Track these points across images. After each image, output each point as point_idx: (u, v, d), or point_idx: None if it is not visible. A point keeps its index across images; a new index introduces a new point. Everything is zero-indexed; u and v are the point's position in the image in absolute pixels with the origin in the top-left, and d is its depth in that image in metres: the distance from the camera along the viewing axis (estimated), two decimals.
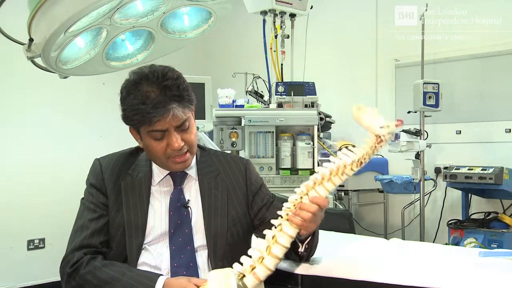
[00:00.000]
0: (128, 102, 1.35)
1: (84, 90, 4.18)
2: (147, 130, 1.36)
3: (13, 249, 3.88)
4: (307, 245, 1.41)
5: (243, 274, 1.24)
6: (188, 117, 1.38)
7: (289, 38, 3.33)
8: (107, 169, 1.47)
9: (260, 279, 1.24)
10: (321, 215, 1.31)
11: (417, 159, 3.49)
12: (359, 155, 1.24)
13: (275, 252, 1.25)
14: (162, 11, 1.68)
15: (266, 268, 1.24)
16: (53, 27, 1.42)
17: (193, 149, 1.44)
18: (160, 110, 1.31)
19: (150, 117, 1.31)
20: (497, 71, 3.64)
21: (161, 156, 1.40)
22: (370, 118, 1.24)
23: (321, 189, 1.27)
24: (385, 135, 1.21)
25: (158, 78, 1.34)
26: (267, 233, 1.28)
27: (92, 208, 1.44)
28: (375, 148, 1.22)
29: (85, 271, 1.34)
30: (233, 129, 2.90)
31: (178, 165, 1.42)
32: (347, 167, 1.25)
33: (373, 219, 4.25)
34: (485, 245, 3.18)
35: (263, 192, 1.55)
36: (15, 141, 3.92)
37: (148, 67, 1.39)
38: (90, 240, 1.39)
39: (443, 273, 1.35)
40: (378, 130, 1.22)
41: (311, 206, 1.26)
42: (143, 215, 1.42)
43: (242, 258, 1.27)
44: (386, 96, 4.15)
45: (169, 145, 1.37)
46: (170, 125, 1.35)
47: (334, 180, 1.26)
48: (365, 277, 1.42)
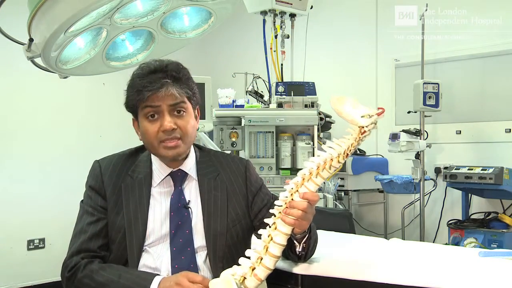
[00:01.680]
0: (129, 84, 1.40)
1: (84, 90, 4.18)
2: (142, 107, 1.38)
3: (13, 249, 3.89)
4: (305, 244, 1.41)
5: (244, 277, 1.25)
6: (184, 101, 1.40)
7: (289, 38, 3.33)
8: (106, 171, 1.46)
9: (261, 279, 1.24)
10: (312, 211, 1.30)
11: (417, 159, 3.49)
12: (344, 147, 1.22)
13: (273, 251, 1.25)
14: (162, 11, 1.68)
15: (265, 268, 1.24)
16: (53, 27, 1.42)
17: (187, 138, 1.42)
18: (154, 84, 1.35)
19: (144, 92, 1.35)
20: (497, 71, 3.64)
21: (153, 140, 1.39)
22: (350, 108, 1.21)
23: (310, 185, 1.26)
24: (368, 125, 1.20)
25: (161, 66, 1.39)
26: (263, 233, 1.28)
27: (91, 211, 1.43)
28: (360, 139, 1.21)
29: (82, 275, 1.35)
30: (233, 129, 2.90)
31: (170, 151, 1.40)
32: (333, 160, 1.23)
33: (373, 219, 4.24)
34: (485, 245, 3.18)
35: (263, 193, 1.55)
36: (15, 141, 3.92)
37: (157, 61, 1.43)
38: (88, 244, 1.39)
39: (443, 273, 1.35)
40: (360, 122, 1.19)
41: (301, 203, 1.25)
42: (143, 217, 1.42)
43: (240, 260, 1.27)
44: (386, 96, 4.14)
45: (161, 125, 1.38)
46: (163, 102, 1.36)
47: (323, 174, 1.24)
48: (365, 277, 1.42)
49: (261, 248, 1.26)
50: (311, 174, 1.25)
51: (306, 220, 1.30)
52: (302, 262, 1.50)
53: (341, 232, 2.03)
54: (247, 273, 1.24)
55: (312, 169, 1.25)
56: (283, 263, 1.51)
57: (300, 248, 1.41)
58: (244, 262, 1.26)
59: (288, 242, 1.32)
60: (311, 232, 1.40)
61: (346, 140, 1.23)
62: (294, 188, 1.27)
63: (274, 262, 1.26)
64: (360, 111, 1.20)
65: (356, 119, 1.20)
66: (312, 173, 1.25)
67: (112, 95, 4.42)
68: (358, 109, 1.21)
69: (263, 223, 1.48)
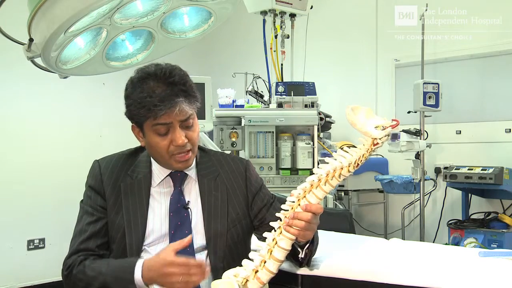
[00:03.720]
0: (134, 97, 1.35)
1: (84, 90, 4.18)
2: (152, 124, 1.35)
3: (13, 249, 3.88)
4: (307, 250, 1.41)
5: (246, 279, 1.25)
6: (193, 114, 1.38)
7: (289, 38, 3.33)
8: (106, 170, 1.46)
9: (264, 283, 1.25)
10: (316, 222, 1.30)
11: (417, 159, 3.49)
12: (355, 157, 1.23)
13: (277, 255, 1.25)
14: (162, 11, 1.68)
15: (268, 271, 1.25)
16: (53, 27, 1.42)
17: (195, 148, 1.44)
18: (167, 103, 1.31)
19: (156, 110, 1.31)
20: (497, 71, 3.64)
21: (164, 154, 1.39)
22: (364, 119, 1.21)
23: (318, 192, 1.26)
24: (381, 138, 1.20)
25: (165, 75, 1.35)
26: (267, 236, 1.28)
27: (90, 211, 1.43)
28: (372, 150, 1.21)
29: (77, 271, 1.36)
30: (233, 129, 2.90)
31: (180, 164, 1.41)
32: (344, 169, 1.23)
33: (373, 219, 4.24)
34: (485, 245, 3.18)
35: (263, 193, 1.55)
36: (15, 141, 3.92)
37: (154, 65, 1.39)
38: (87, 243, 1.39)
39: (443, 273, 1.35)
40: (374, 134, 1.19)
41: (305, 215, 1.25)
42: (143, 217, 1.42)
43: (244, 261, 1.27)
44: (386, 96, 4.15)
45: (173, 141, 1.36)
46: (175, 119, 1.34)
47: (332, 182, 1.25)
48: (365, 277, 1.42)
49: (265, 252, 1.26)
50: (319, 181, 1.25)
51: (311, 230, 1.30)
52: (302, 267, 1.49)
53: (341, 232, 2.03)
54: (250, 276, 1.25)
55: (322, 176, 1.25)
56: (284, 263, 1.51)
57: (303, 255, 1.41)
58: (247, 264, 1.26)
59: (292, 248, 1.32)
60: (314, 239, 1.40)
61: (358, 150, 1.23)
62: (301, 194, 1.27)
63: (278, 266, 1.26)
64: (374, 122, 1.21)
65: (370, 131, 1.20)
66: (321, 180, 1.25)
67: (112, 95, 4.43)
68: (372, 120, 1.21)
69: (263, 223, 1.49)
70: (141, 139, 1.44)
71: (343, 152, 1.25)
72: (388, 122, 1.20)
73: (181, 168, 1.44)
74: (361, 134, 1.23)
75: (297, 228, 1.25)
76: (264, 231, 1.31)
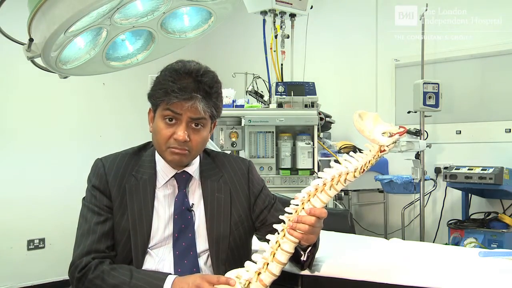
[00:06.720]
0: (160, 78, 1.38)
1: (84, 90, 4.18)
2: (163, 108, 1.36)
3: (13, 249, 3.88)
4: (309, 253, 1.40)
5: (249, 281, 1.25)
6: (205, 118, 1.38)
7: (289, 38, 3.33)
8: (110, 170, 1.44)
9: (266, 285, 1.25)
10: (320, 226, 1.29)
11: (417, 159, 3.49)
12: (361, 163, 1.22)
13: (280, 258, 1.25)
14: (162, 11, 1.68)
15: (271, 274, 1.25)
16: (53, 27, 1.42)
17: (194, 153, 1.42)
18: (184, 93, 1.33)
19: (172, 96, 1.33)
20: (497, 71, 3.64)
21: (162, 143, 1.39)
22: (371, 126, 1.21)
23: (323, 196, 1.25)
24: (389, 145, 1.20)
25: (197, 72, 1.37)
26: (271, 239, 1.28)
27: (97, 211, 1.41)
28: (378, 156, 1.21)
29: (94, 276, 1.33)
30: (233, 129, 2.90)
31: (175, 157, 1.39)
32: (349, 174, 1.23)
33: (373, 219, 4.24)
34: (485, 245, 3.18)
35: (265, 194, 1.54)
36: (15, 141, 3.92)
37: (195, 63, 1.41)
38: (98, 245, 1.37)
39: (443, 273, 1.35)
40: (381, 141, 1.19)
41: (309, 219, 1.25)
42: (147, 218, 1.40)
43: (246, 263, 1.27)
44: (386, 96, 4.15)
45: (175, 133, 1.36)
46: (186, 113, 1.35)
47: (337, 186, 1.25)
48: (365, 277, 1.42)
49: (268, 254, 1.26)
50: (324, 185, 1.25)
51: (314, 234, 1.30)
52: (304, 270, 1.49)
53: (341, 232, 2.03)
54: (253, 278, 1.25)
55: (327, 180, 1.25)
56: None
57: (305, 258, 1.41)
58: (250, 266, 1.27)
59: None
60: (316, 243, 1.40)
61: (364, 155, 1.23)
62: (306, 197, 1.27)
63: (280, 268, 1.26)
64: (381, 128, 1.20)
65: (377, 138, 1.20)
66: (326, 184, 1.25)
67: (112, 95, 4.44)
68: (380, 126, 1.21)
69: (264, 225, 1.49)
70: (150, 125, 1.44)
71: (349, 157, 1.24)
72: (395, 129, 1.20)
73: (174, 162, 1.41)
74: (368, 140, 1.22)
75: (301, 232, 1.25)
76: (265, 232, 1.31)
